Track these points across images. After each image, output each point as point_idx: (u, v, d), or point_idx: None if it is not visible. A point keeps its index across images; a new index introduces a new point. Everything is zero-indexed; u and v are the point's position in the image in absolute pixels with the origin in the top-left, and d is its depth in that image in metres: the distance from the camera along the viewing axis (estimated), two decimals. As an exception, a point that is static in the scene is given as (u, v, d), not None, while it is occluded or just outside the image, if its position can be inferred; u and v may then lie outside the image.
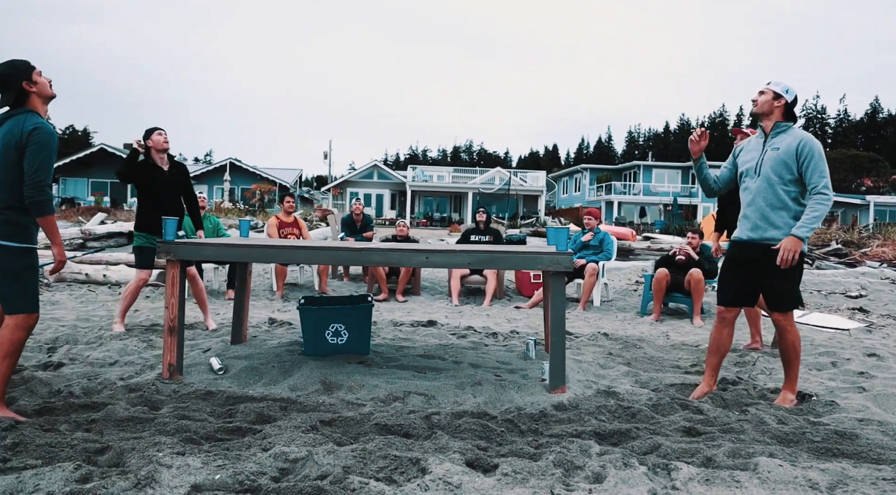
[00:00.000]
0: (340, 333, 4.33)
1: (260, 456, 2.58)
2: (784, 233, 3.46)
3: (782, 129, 3.56)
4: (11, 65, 3.08)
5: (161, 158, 5.17)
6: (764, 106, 3.57)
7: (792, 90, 3.59)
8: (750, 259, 3.58)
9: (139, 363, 4.19)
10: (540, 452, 2.78)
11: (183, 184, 5.30)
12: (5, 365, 3.06)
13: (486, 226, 7.99)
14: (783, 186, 3.49)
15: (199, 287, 5.47)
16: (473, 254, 3.59)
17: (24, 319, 3.08)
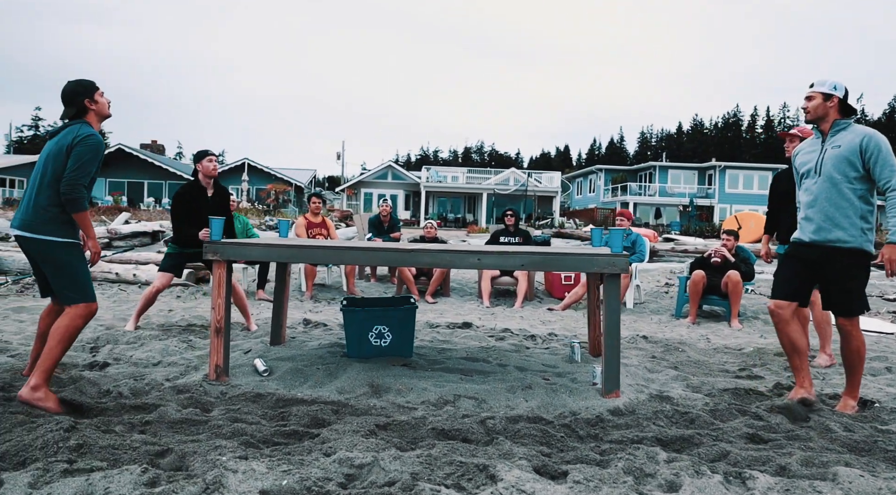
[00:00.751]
0: (384, 335, 4.28)
1: (324, 462, 2.53)
2: (850, 233, 3.35)
3: (842, 127, 3.44)
4: (78, 83, 3.37)
5: (207, 183, 5.27)
6: (817, 111, 3.45)
7: (840, 85, 3.47)
8: (811, 259, 3.49)
9: (182, 363, 4.16)
10: (607, 459, 2.71)
11: (223, 207, 5.38)
12: (59, 349, 3.20)
13: (515, 228, 7.92)
14: (848, 185, 3.36)
15: (238, 292, 5.44)
16: (528, 255, 3.53)
17: (83, 308, 3.24)
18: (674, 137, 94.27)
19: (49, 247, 3.19)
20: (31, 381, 3.15)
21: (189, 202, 5.21)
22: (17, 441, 2.60)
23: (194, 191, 5.23)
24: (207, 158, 5.22)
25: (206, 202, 5.24)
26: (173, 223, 5.28)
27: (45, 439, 2.59)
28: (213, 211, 5.26)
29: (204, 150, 5.28)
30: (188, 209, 5.21)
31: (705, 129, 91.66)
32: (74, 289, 3.22)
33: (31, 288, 6.89)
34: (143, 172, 37.08)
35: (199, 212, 5.20)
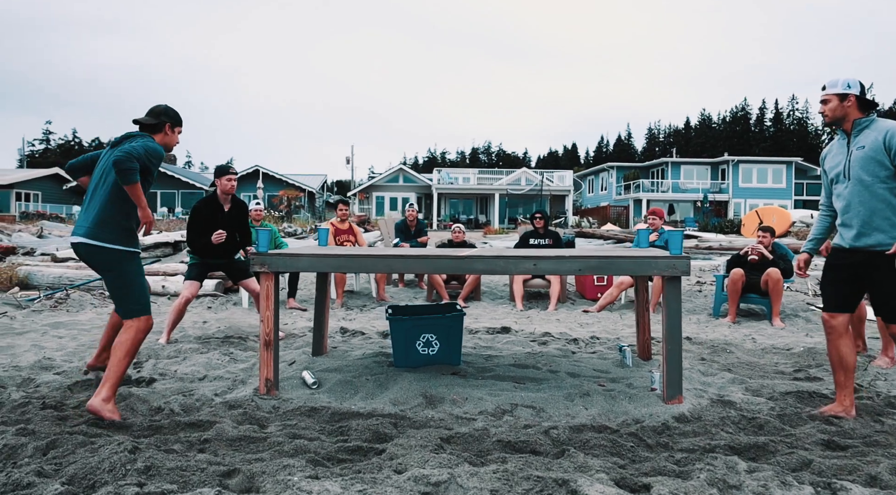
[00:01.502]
0: (432, 344, 4.20)
1: (397, 480, 2.45)
2: (891, 235, 3.17)
3: (864, 125, 3.28)
4: (172, 110, 3.53)
5: (225, 199, 5.34)
6: (836, 112, 3.30)
7: (854, 81, 3.30)
8: (854, 265, 3.34)
9: (228, 377, 4.10)
10: (686, 470, 2.62)
11: (240, 221, 5.42)
12: (125, 363, 3.27)
13: (545, 230, 7.82)
14: (881, 185, 3.20)
15: None
16: (585, 259, 3.44)
17: (143, 322, 3.31)
18: (682, 133, 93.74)
19: (111, 256, 3.23)
20: (102, 393, 3.19)
21: (205, 217, 5.28)
22: (82, 463, 2.54)
23: (211, 206, 5.31)
24: (227, 177, 5.29)
25: (223, 217, 5.31)
26: (188, 235, 5.35)
27: (111, 461, 2.53)
28: (229, 225, 5.31)
29: (224, 166, 5.33)
30: (204, 223, 5.27)
31: (713, 124, 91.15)
32: (133, 301, 3.27)
33: (63, 302, 6.86)
34: (156, 183, 37.23)
35: (214, 226, 5.26)
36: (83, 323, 5.77)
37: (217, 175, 5.29)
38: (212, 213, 5.26)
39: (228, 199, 5.34)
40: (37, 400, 3.47)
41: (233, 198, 5.36)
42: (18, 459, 2.67)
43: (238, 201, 5.41)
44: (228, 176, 5.28)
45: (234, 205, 5.36)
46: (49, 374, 4.05)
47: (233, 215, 5.34)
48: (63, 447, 2.78)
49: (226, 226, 5.27)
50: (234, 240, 5.39)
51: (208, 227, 5.23)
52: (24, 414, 3.28)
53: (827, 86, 3.34)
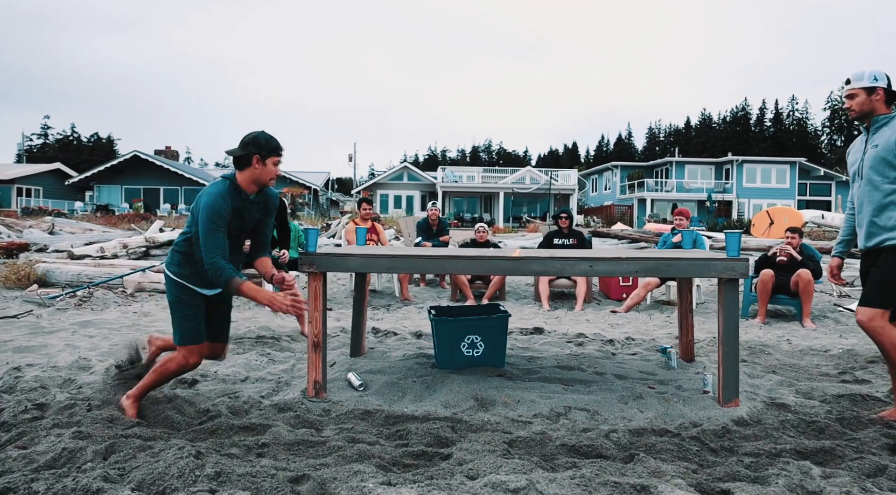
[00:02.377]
0: (476, 345, 4.15)
1: (472, 486, 2.40)
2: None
3: (882, 122, 3.17)
4: (262, 136, 3.29)
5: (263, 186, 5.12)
6: (863, 107, 3.18)
7: (880, 73, 3.18)
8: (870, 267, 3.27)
9: (270, 379, 4.04)
10: (760, 475, 2.58)
11: (278, 217, 5.29)
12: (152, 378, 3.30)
13: (569, 230, 7.77)
14: (889, 185, 3.11)
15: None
16: (642, 261, 3.39)
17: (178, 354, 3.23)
18: (682, 132, 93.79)
19: (166, 279, 3.23)
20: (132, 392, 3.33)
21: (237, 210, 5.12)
22: (148, 468, 2.49)
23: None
24: (272, 159, 5.08)
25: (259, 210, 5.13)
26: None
27: (178, 467, 2.48)
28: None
29: (276, 143, 5.13)
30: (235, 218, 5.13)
31: (714, 124, 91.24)
32: (174, 328, 3.21)
33: (87, 300, 6.80)
34: (159, 178, 37.12)
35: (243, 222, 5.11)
36: (110, 322, 5.71)
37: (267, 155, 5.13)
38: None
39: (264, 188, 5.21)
40: (82, 402, 3.41)
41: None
42: (81, 464, 2.62)
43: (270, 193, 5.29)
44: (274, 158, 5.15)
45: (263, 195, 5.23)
46: (88, 375, 4.00)
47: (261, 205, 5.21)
48: (123, 451, 2.72)
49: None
50: (272, 237, 5.30)
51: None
52: (73, 416, 3.22)
53: (852, 79, 3.22)
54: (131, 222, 18.48)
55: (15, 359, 4.31)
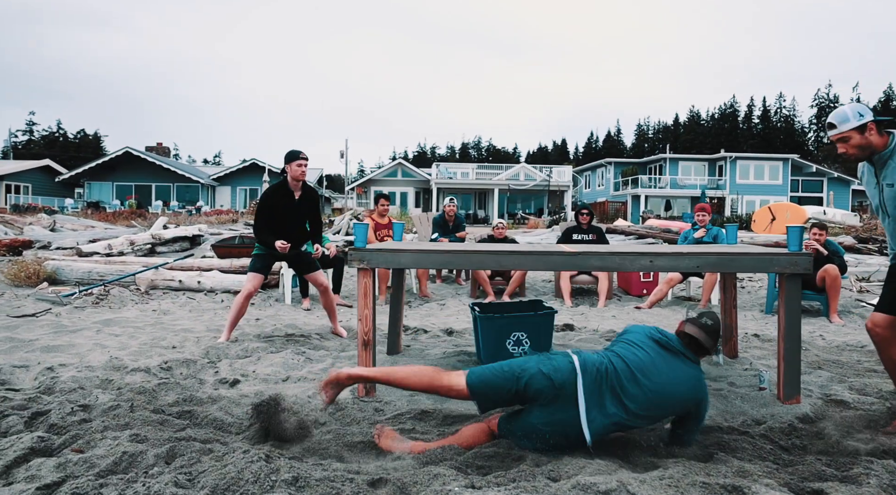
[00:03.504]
0: (522, 342, 4.07)
1: (559, 487, 2.32)
2: None
3: (887, 157, 2.97)
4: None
5: (295, 186, 5.05)
6: (862, 147, 2.97)
7: (861, 107, 2.99)
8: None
9: (312, 378, 3.94)
10: (847, 474, 2.52)
11: (311, 209, 5.18)
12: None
13: (588, 225, 7.71)
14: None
15: (329, 295, 5.23)
16: (703, 256, 3.33)
17: None
18: (671, 129, 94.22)
19: None
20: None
21: (274, 205, 5.02)
22: (219, 473, 2.39)
23: (281, 194, 5.03)
24: (297, 162, 4.97)
25: (293, 205, 5.04)
26: (256, 224, 5.08)
27: (251, 471, 2.37)
28: (299, 215, 5.07)
29: (295, 151, 5.02)
30: (273, 212, 5.02)
31: (702, 121, 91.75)
32: None
33: (105, 298, 6.65)
34: (150, 175, 36.75)
35: (284, 214, 5.02)
36: (132, 320, 5.58)
37: (287, 161, 4.98)
38: (282, 201, 5.00)
39: (299, 186, 5.05)
40: (125, 403, 3.30)
41: (304, 186, 5.08)
42: (144, 468, 2.52)
43: (309, 189, 5.14)
44: (299, 161, 4.95)
45: (305, 192, 5.09)
46: (125, 375, 3.88)
47: (303, 203, 5.08)
48: (186, 455, 2.62)
49: (296, 214, 5.04)
50: (303, 231, 5.16)
51: (278, 216, 5.00)
52: (119, 417, 3.11)
53: (837, 123, 2.98)
54: (128, 219, 18.23)
55: (45, 359, 4.19)
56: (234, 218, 17.53)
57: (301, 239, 5.16)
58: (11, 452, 2.66)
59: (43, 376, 3.84)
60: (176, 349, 4.63)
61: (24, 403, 3.30)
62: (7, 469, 2.53)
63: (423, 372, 2.83)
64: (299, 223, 5.11)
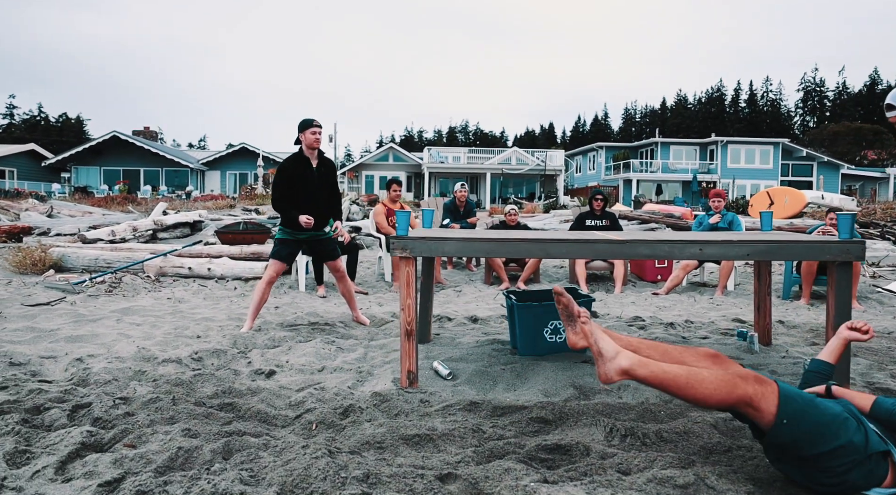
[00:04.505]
0: (559, 331, 4.02)
1: (634, 481, 2.28)
2: None
3: None
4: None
5: (311, 154, 4.87)
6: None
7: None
8: None
9: (348, 368, 3.88)
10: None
11: (329, 180, 5.00)
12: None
13: (602, 211, 7.66)
14: None
15: (348, 283, 5.14)
16: (752, 244, 3.28)
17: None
18: (658, 113, 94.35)
19: None
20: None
21: (293, 175, 4.83)
22: (283, 470, 2.33)
23: (298, 163, 4.85)
24: (311, 130, 4.79)
25: (312, 174, 4.84)
26: (275, 201, 4.91)
27: (319, 467, 2.31)
28: (318, 185, 4.87)
29: (308, 119, 4.83)
30: (292, 182, 4.84)
31: (689, 104, 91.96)
32: None
33: (117, 286, 6.53)
34: (139, 160, 36.27)
35: (304, 185, 4.84)
36: (149, 309, 5.47)
37: (301, 129, 4.80)
38: (301, 171, 4.82)
39: (315, 155, 4.86)
40: (165, 396, 3.22)
41: (320, 156, 4.91)
42: (205, 464, 2.45)
43: (326, 159, 4.98)
44: (313, 129, 4.77)
45: (323, 162, 4.92)
46: (157, 366, 3.79)
47: (321, 173, 4.89)
48: (243, 450, 2.56)
49: (315, 184, 4.85)
50: (324, 204, 4.97)
51: (298, 186, 4.83)
52: (161, 410, 3.04)
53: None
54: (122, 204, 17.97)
55: (72, 350, 4.09)
56: (231, 203, 17.33)
57: (323, 213, 4.96)
58: (63, 447, 2.58)
59: (73, 367, 3.75)
60: (200, 339, 4.54)
61: (61, 395, 3.21)
62: (62, 464, 2.46)
63: (714, 378, 2.12)
64: (319, 194, 4.91)
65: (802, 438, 2.03)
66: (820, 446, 2.01)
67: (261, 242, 8.58)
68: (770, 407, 2.04)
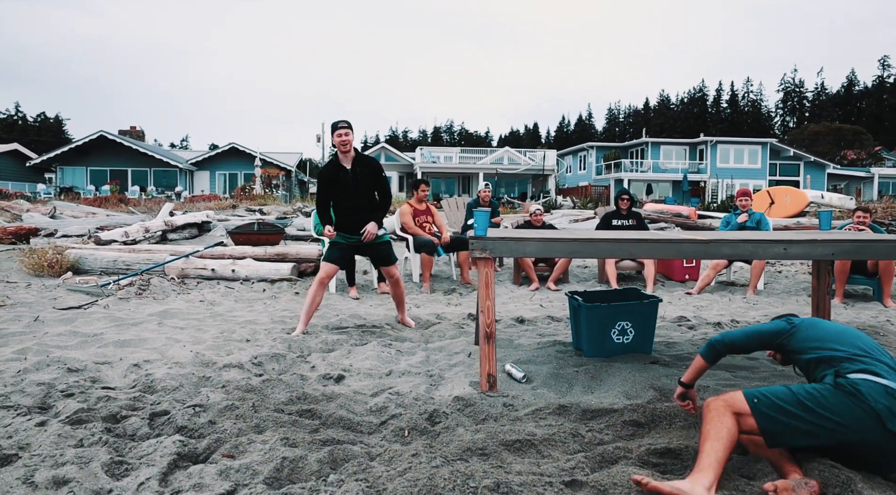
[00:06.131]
0: (627, 331, 3.97)
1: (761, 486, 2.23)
2: None
3: None
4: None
5: (345, 157, 4.76)
6: None
7: None
8: None
9: (416, 372, 3.79)
10: None
11: (372, 180, 4.84)
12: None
13: (628, 211, 7.63)
14: None
15: (400, 288, 5.05)
16: (837, 243, 3.25)
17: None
18: (641, 113, 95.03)
19: None
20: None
21: (330, 182, 4.76)
22: (405, 480, 2.24)
23: (329, 168, 4.78)
24: (336, 133, 4.68)
25: (347, 177, 4.73)
26: (318, 209, 4.89)
27: (443, 477, 2.24)
28: (357, 187, 4.75)
29: (335, 122, 4.70)
30: (331, 190, 4.78)
31: (672, 105, 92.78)
32: None
33: (147, 288, 6.38)
34: (126, 160, 35.72)
35: (340, 189, 4.74)
36: (186, 312, 5.34)
37: (332, 131, 4.68)
38: (334, 175, 4.72)
39: (349, 158, 4.73)
40: (240, 402, 3.12)
41: (357, 156, 4.77)
42: (315, 475, 2.36)
43: (364, 159, 4.84)
44: (338, 131, 4.64)
45: (359, 162, 4.78)
46: (219, 372, 3.68)
47: (359, 174, 4.75)
48: (351, 460, 2.47)
49: (354, 187, 4.73)
50: (368, 203, 4.86)
51: (333, 191, 4.77)
52: (244, 418, 2.94)
53: None
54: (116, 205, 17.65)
55: (124, 355, 3.96)
56: (233, 204, 17.10)
57: (366, 214, 4.84)
58: (158, 457, 2.48)
59: (132, 373, 3.63)
60: (250, 342, 4.43)
61: (132, 403, 3.10)
62: (164, 476, 2.36)
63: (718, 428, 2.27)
64: (358, 196, 4.78)
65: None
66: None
67: (275, 243, 8.43)
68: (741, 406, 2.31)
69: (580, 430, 2.87)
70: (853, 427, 2.18)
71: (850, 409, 2.19)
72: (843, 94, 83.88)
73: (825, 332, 2.56)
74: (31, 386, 3.30)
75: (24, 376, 3.49)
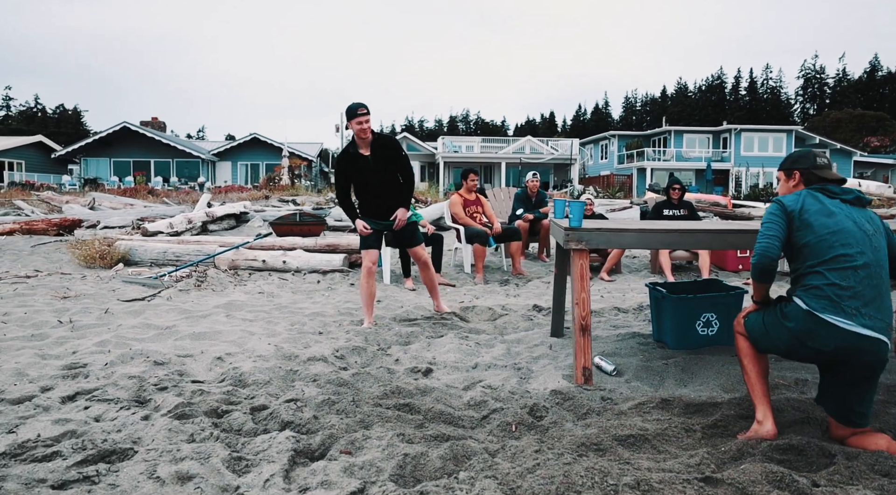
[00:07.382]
0: (712, 324, 3.90)
1: None
2: None
3: None
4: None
5: (363, 143, 4.60)
6: None
7: None
8: None
9: (502, 365, 3.74)
10: None
11: (392, 163, 4.66)
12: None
13: (679, 201, 7.52)
14: None
15: (430, 272, 4.99)
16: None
17: None
18: (659, 101, 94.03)
19: None
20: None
21: (343, 170, 4.67)
22: (539, 477, 2.20)
23: (345, 157, 4.65)
24: (355, 120, 4.45)
25: (366, 163, 4.58)
26: (337, 197, 4.82)
27: (579, 474, 2.19)
28: (379, 172, 4.60)
29: (351, 107, 4.47)
30: (349, 179, 4.69)
31: (690, 93, 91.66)
32: None
33: (204, 279, 6.38)
34: (149, 151, 35.94)
35: (358, 176, 4.64)
36: (249, 304, 5.32)
37: (347, 119, 4.50)
38: (352, 164, 4.60)
39: (367, 144, 4.56)
40: (336, 397, 3.09)
41: (375, 141, 4.57)
42: (441, 472, 2.32)
43: (384, 140, 4.63)
44: (357, 118, 4.43)
45: (377, 145, 4.57)
46: (305, 365, 3.65)
47: (379, 158, 4.57)
48: (473, 456, 2.43)
49: (374, 173, 4.59)
50: (395, 190, 4.73)
51: (352, 179, 4.67)
52: (346, 413, 2.91)
53: None
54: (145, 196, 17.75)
55: (205, 347, 3.95)
56: (266, 194, 17.12)
57: (391, 199, 4.72)
58: (275, 453, 2.45)
59: (217, 367, 3.61)
60: (324, 335, 4.40)
61: (226, 397, 3.08)
62: (286, 472, 2.32)
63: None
64: (379, 181, 4.64)
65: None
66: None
67: (317, 233, 8.41)
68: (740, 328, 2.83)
69: (691, 425, 2.81)
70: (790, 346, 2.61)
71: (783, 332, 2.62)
72: (865, 79, 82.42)
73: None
74: (123, 379, 3.29)
75: (113, 369, 3.49)
